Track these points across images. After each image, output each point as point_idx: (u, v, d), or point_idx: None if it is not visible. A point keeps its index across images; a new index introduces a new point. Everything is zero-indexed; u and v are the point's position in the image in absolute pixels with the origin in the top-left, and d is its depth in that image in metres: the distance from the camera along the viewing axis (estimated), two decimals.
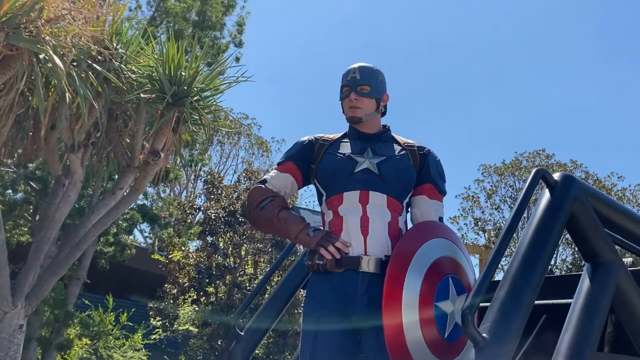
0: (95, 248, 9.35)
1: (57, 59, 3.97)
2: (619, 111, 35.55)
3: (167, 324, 11.13)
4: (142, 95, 4.68)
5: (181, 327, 10.88)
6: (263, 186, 2.46)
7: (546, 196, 1.97)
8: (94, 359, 9.09)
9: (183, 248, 11.64)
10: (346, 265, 2.24)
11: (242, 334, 2.71)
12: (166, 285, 11.49)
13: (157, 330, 10.90)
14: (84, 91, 4.22)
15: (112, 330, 9.25)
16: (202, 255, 11.29)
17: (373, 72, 2.45)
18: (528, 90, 36.80)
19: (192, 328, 10.82)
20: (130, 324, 9.53)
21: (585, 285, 1.95)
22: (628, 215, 2.29)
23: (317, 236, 2.29)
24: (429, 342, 2.09)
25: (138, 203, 11.04)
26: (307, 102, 40.30)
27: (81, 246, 5.24)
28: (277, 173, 2.48)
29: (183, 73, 4.63)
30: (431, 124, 38.02)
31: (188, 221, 13.76)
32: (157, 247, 13.68)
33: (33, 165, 8.19)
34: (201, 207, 12.72)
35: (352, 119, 2.43)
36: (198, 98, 4.74)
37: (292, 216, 2.38)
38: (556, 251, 17.19)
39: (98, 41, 4.49)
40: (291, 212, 2.41)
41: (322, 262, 2.26)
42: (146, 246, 17.14)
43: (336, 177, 2.35)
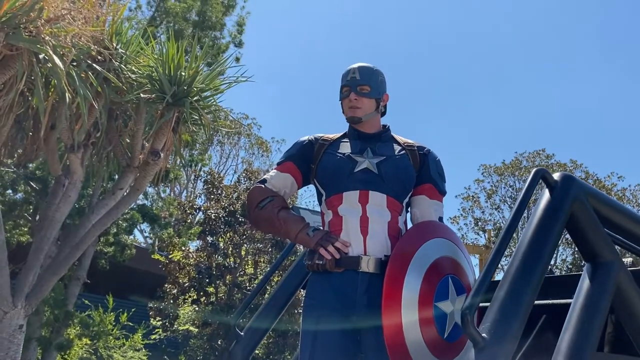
0: (95, 248, 9.35)
1: (57, 59, 3.97)
2: (619, 111, 35.61)
3: (167, 324, 11.13)
4: (142, 95, 4.68)
5: (181, 327, 10.87)
6: (263, 186, 2.46)
7: (546, 196, 1.97)
8: (94, 359, 9.08)
9: (183, 248, 11.64)
10: (346, 265, 2.24)
11: (242, 334, 2.70)
12: (166, 285, 11.48)
13: (157, 330, 10.89)
14: (84, 91, 4.22)
15: (112, 330, 9.25)
16: (202, 255, 11.28)
17: (373, 72, 2.44)
18: (528, 90, 36.85)
19: (192, 328, 10.81)
20: (130, 324, 9.53)
21: (585, 285, 1.95)
22: (628, 215, 2.29)
23: (317, 236, 2.28)
24: (429, 342, 2.09)
25: (138, 203, 11.05)
26: (307, 102, 40.34)
27: (81, 246, 5.25)
28: (277, 173, 2.48)
29: (183, 73, 4.63)
30: (431, 124, 38.06)
31: (188, 221, 13.75)
32: (157, 247, 13.69)
33: (33, 165, 8.20)
34: (201, 207, 12.71)
35: (352, 119, 2.43)
36: (198, 98, 4.74)
37: (292, 216, 2.38)
38: (556, 251, 17.20)
39: (98, 41, 4.49)
40: (291, 212, 2.41)
41: (322, 262, 2.26)
42: (146, 246, 17.14)
43: (336, 177, 2.35)
